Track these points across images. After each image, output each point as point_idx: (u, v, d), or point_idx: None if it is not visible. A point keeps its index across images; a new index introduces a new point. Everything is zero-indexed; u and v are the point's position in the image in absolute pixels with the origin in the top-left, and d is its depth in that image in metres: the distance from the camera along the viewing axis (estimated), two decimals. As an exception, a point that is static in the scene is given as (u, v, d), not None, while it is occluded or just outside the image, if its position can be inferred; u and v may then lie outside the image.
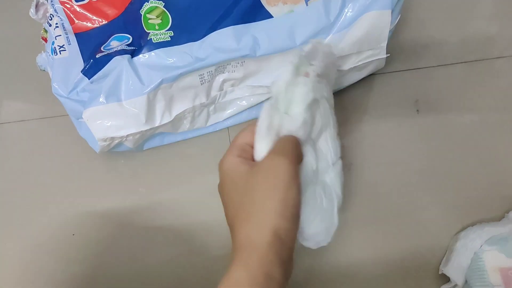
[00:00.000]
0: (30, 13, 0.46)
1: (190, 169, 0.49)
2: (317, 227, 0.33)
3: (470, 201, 0.46)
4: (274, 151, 0.29)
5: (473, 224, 0.45)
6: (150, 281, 0.44)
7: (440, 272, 0.43)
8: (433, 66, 0.54)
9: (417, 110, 0.52)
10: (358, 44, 0.45)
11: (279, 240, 0.27)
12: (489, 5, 0.57)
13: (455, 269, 0.41)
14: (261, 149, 0.30)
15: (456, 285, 0.41)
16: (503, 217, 0.45)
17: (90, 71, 0.43)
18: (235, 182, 0.30)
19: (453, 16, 0.57)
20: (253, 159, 0.31)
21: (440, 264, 0.43)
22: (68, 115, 0.48)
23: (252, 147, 0.31)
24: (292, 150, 0.30)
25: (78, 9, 0.45)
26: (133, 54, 0.44)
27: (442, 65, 0.54)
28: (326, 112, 0.36)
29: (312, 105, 0.33)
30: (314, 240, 0.34)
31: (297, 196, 0.28)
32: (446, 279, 0.42)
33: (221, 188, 0.31)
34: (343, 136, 0.48)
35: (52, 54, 0.45)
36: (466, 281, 0.41)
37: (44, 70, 0.48)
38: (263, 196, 0.28)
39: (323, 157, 0.35)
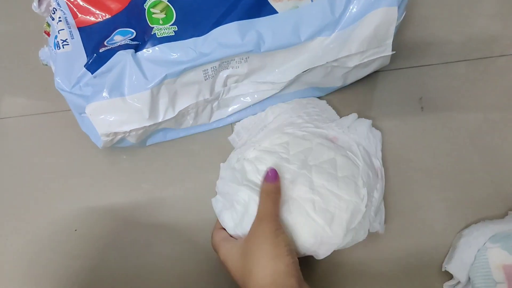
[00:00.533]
0: (33, 7, 0.45)
1: (193, 165, 0.49)
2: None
3: (473, 199, 0.46)
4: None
5: (476, 222, 0.45)
6: (153, 277, 0.44)
7: (443, 269, 0.42)
8: (437, 64, 0.54)
9: (422, 108, 0.51)
10: (366, 42, 0.45)
11: (283, 274, 0.33)
12: (492, 3, 0.57)
13: (458, 266, 0.41)
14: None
15: (459, 282, 0.41)
16: (506, 215, 0.45)
17: (93, 65, 0.43)
18: (233, 260, 0.37)
19: (457, 14, 0.57)
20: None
21: (443, 261, 0.43)
22: (70, 110, 0.48)
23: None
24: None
25: (81, 3, 0.45)
26: (137, 48, 0.43)
27: (445, 63, 0.54)
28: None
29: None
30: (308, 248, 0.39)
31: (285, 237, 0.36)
32: (449, 276, 0.42)
33: (227, 265, 0.38)
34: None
35: (55, 49, 0.45)
36: (469, 278, 0.41)
37: (46, 65, 0.48)
38: (256, 251, 0.35)
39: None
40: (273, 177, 0.39)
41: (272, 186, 0.38)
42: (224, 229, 0.41)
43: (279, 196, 0.38)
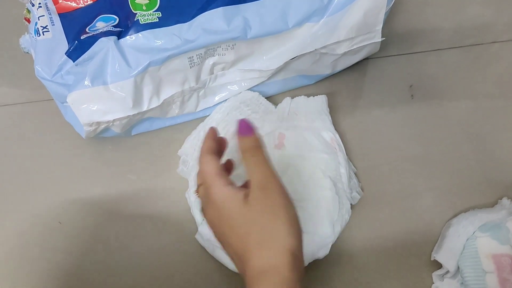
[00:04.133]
0: (12, -7, 0.44)
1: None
2: None
3: (463, 187, 0.46)
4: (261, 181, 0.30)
5: (465, 211, 0.44)
6: (138, 269, 0.44)
7: (432, 259, 0.42)
8: (428, 51, 0.54)
9: (412, 95, 0.51)
10: (355, 29, 0.44)
11: (296, 258, 0.28)
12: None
13: (447, 256, 0.41)
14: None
15: (448, 271, 0.41)
16: (496, 204, 0.45)
17: (74, 53, 0.42)
18: (234, 214, 0.30)
19: (449, 1, 0.56)
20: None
21: (432, 250, 0.43)
22: (53, 99, 0.46)
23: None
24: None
25: (61, -12, 0.44)
26: (120, 35, 0.42)
27: (437, 50, 0.54)
28: None
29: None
30: None
31: (296, 213, 0.30)
32: (438, 265, 0.42)
33: (218, 222, 0.31)
34: (336, 122, 0.47)
35: (35, 35, 0.43)
36: (458, 268, 0.40)
37: (27, 53, 0.47)
38: (271, 222, 0.29)
39: None
40: (245, 129, 0.31)
41: (250, 139, 0.31)
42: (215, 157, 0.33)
43: (266, 151, 0.31)
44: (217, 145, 0.33)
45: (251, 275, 0.28)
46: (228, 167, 0.35)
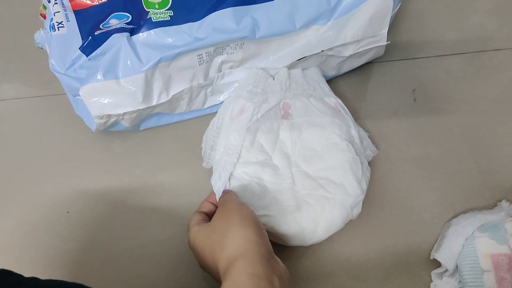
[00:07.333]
0: (29, -11, 0.45)
1: (186, 151, 0.49)
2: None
3: (463, 190, 0.47)
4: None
5: (464, 212, 0.45)
6: (143, 259, 0.44)
7: (431, 258, 0.43)
8: (431, 57, 0.55)
9: (414, 99, 0.52)
10: (361, 32, 0.45)
11: (254, 242, 0.33)
12: (488, 0, 0.58)
13: (446, 255, 0.41)
14: None
15: (446, 270, 0.41)
16: (495, 206, 0.45)
17: (88, 48, 0.43)
18: (201, 237, 0.38)
19: (453, 8, 0.58)
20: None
21: (431, 250, 0.43)
22: (65, 94, 0.48)
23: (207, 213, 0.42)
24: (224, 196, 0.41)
25: (77, -14, 0.45)
26: (132, 32, 0.44)
27: (439, 56, 0.55)
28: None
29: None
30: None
31: (250, 210, 0.37)
32: (437, 264, 0.43)
33: (196, 251, 0.38)
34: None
35: (50, 31, 0.45)
36: (456, 267, 0.41)
37: (42, 48, 0.48)
38: (227, 224, 0.35)
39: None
40: (225, 191, 0.42)
41: (225, 192, 0.41)
42: (203, 212, 0.42)
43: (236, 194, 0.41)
44: (211, 206, 0.43)
45: (223, 273, 0.32)
46: None
